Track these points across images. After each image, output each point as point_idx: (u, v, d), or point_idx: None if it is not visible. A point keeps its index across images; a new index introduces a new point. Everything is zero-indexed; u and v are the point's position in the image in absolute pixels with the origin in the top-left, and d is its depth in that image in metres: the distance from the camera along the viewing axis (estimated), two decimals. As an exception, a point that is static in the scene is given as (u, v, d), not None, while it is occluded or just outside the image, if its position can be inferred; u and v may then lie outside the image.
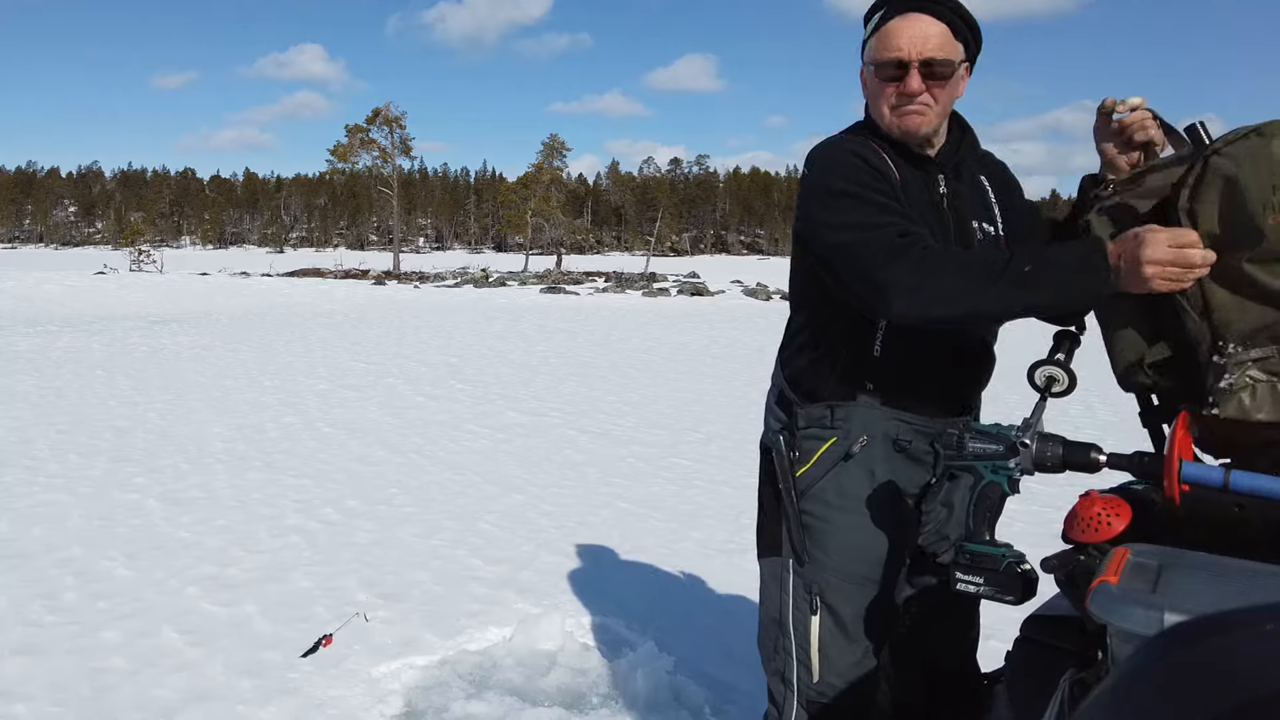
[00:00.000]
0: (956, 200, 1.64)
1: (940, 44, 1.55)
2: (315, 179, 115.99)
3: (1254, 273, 1.27)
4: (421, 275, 35.39)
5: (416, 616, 3.25)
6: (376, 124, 45.43)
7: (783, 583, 1.74)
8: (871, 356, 1.62)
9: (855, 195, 1.52)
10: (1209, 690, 0.43)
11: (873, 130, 1.65)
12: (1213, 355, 1.30)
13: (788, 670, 1.73)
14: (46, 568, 3.67)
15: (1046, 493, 4.54)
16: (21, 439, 6.03)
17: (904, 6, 1.57)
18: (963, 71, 1.61)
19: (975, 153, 1.70)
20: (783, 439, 1.70)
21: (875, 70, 1.59)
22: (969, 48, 1.61)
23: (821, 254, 1.58)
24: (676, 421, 7.01)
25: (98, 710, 2.56)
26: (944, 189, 1.64)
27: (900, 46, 1.54)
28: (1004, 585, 1.30)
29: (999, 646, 1.46)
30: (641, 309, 21.16)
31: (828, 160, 1.60)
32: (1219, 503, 1.11)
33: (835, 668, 1.68)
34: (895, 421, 1.64)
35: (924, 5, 1.56)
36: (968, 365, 1.70)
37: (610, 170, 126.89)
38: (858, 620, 1.67)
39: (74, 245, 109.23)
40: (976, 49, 1.63)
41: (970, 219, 1.64)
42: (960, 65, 1.59)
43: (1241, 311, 1.29)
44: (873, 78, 1.61)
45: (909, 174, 1.61)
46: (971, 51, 1.62)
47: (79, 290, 22.13)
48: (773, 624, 1.77)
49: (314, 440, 6.21)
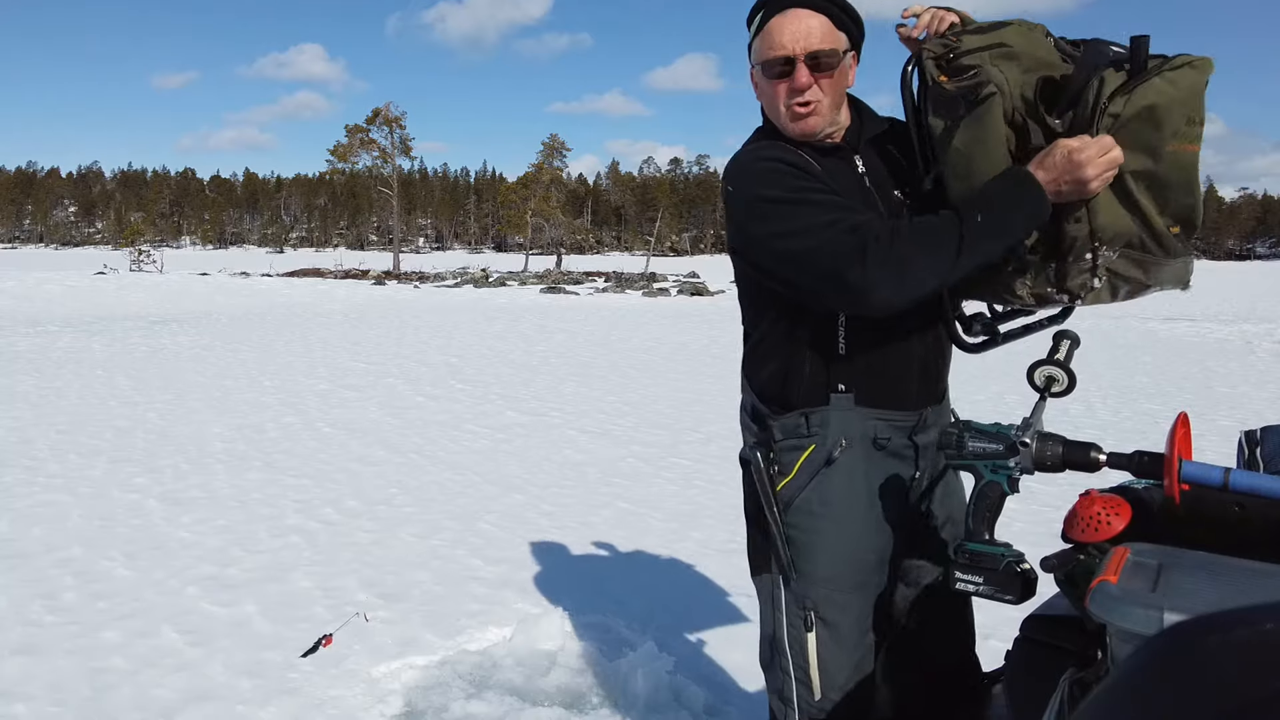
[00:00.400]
0: (875, 176, 1.64)
1: (823, 36, 1.56)
2: (315, 179, 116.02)
3: (1131, 185, 1.42)
4: (421, 275, 35.40)
5: (416, 616, 3.25)
6: (376, 124, 45.46)
7: (775, 601, 1.70)
8: (838, 356, 1.60)
9: (790, 200, 1.52)
10: (1209, 690, 0.43)
11: (775, 132, 1.65)
12: (1085, 253, 1.44)
13: (786, 689, 1.69)
14: (46, 568, 3.67)
15: (1046, 492, 4.54)
16: (21, 439, 6.03)
17: (784, 4, 1.57)
18: (849, 60, 1.62)
19: (879, 126, 1.70)
20: (759, 454, 1.67)
21: (763, 69, 1.60)
22: (852, 36, 1.62)
23: (770, 266, 1.57)
24: (676, 421, 7.01)
25: (98, 710, 2.56)
26: (861, 168, 1.64)
27: (784, 43, 1.55)
28: (1003, 584, 1.30)
29: (999, 646, 1.46)
30: (641, 309, 21.16)
31: (748, 172, 1.60)
32: (1218, 502, 1.11)
33: (835, 682, 1.65)
34: (872, 420, 1.62)
35: (803, 0, 1.57)
36: (929, 347, 1.68)
37: (610, 170, 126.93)
38: (854, 629, 1.65)
39: (74, 245, 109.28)
40: (860, 37, 1.64)
41: (892, 190, 1.65)
42: (846, 54, 1.60)
43: (1115, 218, 1.44)
44: (762, 78, 1.61)
45: (830, 165, 1.62)
46: (855, 39, 1.63)
47: (79, 290, 22.14)
48: (768, 643, 1.73)
49: (314, 440, 6.21)
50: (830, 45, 1.56)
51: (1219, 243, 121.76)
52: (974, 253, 1.44)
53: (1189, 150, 1.40)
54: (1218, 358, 11.90)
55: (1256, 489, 1.10)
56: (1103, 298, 1.48)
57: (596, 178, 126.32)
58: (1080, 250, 1.45)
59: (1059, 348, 1.44)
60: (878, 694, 1.73)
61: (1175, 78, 1.37)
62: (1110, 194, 1.42)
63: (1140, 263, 1.47)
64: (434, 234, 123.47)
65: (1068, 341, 1.45)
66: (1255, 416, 7.35)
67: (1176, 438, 1.16)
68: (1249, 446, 1.39)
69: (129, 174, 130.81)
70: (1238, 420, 7.10)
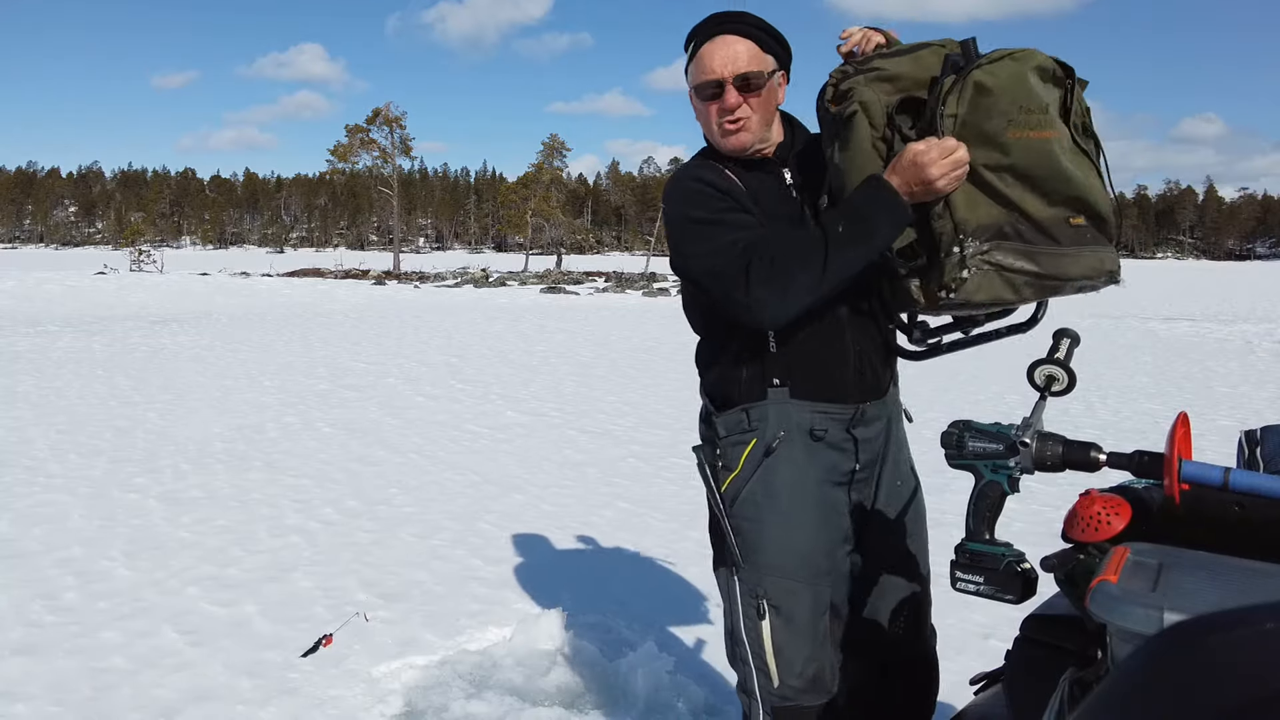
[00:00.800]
0: (805, 188, 1.76)
1: (750, 59, 1.70)
2: (315, 179, 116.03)
3: (989, 178, 1.50)
4: (421, 275, 35.41)
5: (416, 616, 3.25)
6: (376, 124, 45.45)
7: (730, 593, 1.78)
8: (769, 352, 1.70)
9: (708, 221, 1.66)
10: (1209, 689, 0.43)
11: (713, 150, 1.80)
12: (953, 247, 1.52)
13: (748, 681, 1.76)
14: (46, 568, 3.67)
15: (1046, 492, 4.54)
16: (21, 439, 6.03)
17: (712, 32, 1.72)
18: (778, 80, 1.76)
19: (813, 140, 1.81)
20: (702, 452, 1.80)
21: (696, 92, 1.74)
22: (780, 58, 1.77)
23: (695, 281, 1.72)
24: (676, 421, 7.01)
25: (98, 710, 2.56)
26: (790, 180, 1.76)
27: (714, 68, 1.69)
28: (1004, 584, 1.30)
29: (999, 646, 1.47)
30: (642, 309, 21.16)
31: (678, 192, 1.74)
32: (1219, 502, 1.11)
33: (793, 669, 1.71)
34: (809, 413, 1.71)
35: (729, 27, 1.72)
36: (866, 343, 1.75)
37: (610, 170, 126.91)
38: (807, 617, 1.72)
39: (74, 245, 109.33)
40: (788, 59, 1.79)
41: (820, 200, 1.73)
42: (773, 74, 1.74)
43: (974, 211, 1.52)
44: (697, 100, 1.75)
45: (756, 180, 1.74)
46: (783, 60, 1.78)
47: (79, 290, 22.14)
48: (729, 636, 1.80)
49: (314, 440, 6.21)
50: (757, 67, 1.70)
51: (1219, 242, 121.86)
52: (841, 261, 1.55)
53: (1037, 137, 1.48)
54: (1218, 358, 11.90)
55: (1256, 489, 1.10)
56: (997, 292, 1.52)
57: (596, 177, 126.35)
58: (948, 245, 1.53)
59: (1059, 347, 1.44)
60: (837, 683, 1.78)
61: (994, 69, 1.48)
62: (970, 188, 1.51)
63: (1026, 254, 1.52)
64: (434, 234, 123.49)
65: (1068, 340, 1.44)
66: (1255, 416, 7.35)
67: (1176, 437, 1.16)
68: (1249, 446, 1.39)
69: (129, 174, 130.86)
70: (1238, 420, 7.10)
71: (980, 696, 1.44)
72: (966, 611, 3.18)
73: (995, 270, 1.52)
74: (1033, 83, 1.49)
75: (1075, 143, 1.53)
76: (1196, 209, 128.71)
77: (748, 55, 1.70)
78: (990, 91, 1.47)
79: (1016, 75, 1.48)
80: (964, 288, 1.51)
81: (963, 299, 1.53)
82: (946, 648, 3.09)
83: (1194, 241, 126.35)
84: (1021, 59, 1.50)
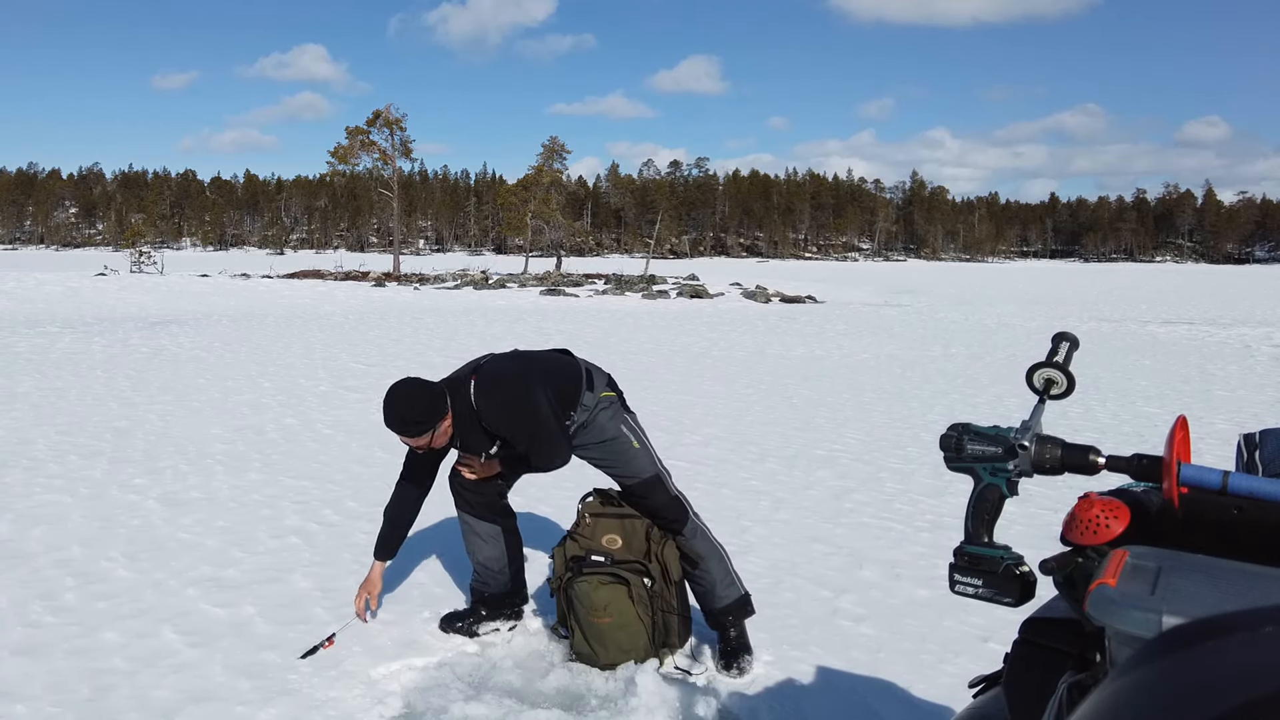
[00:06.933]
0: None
1: (415, 441, 2.89)
2: (316, 181, 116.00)
3: None
4: (421, 277, 35.37)
5: (416, 618, 3.25)
6: (377, 126, 45.42)
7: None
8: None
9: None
10: (1208, 693, 0.43)
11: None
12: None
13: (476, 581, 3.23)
14: (46, 568, 3.67)
15: (1045, 495, 4.55)
16: (21, 439, 6.03)
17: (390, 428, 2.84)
18: (440, 426, 2.85)
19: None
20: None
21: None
22: (429, 421, 2.82)
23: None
24: (676, 423, 7.01)
25: (98, 710, 2.56)
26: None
27: (406, 443, 2.92)
28: (1002, 587, 1.30)
29: (997, 649, 1.47)
30: (641, 311, 21.16)
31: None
32: (1218, 505, 1.11)
33: (477, 558, 3.19)
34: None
35: (395, 429, 2.84)
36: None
37: (610, 173, 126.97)
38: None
39: (75, 246, 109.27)
40: (442, 414, 2.85)
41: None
42: (436, 426, 2.85)
43: None
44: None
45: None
46: (434, 419, 2.83)
47: (79, 291, 22.14)
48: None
49: (314, 441, 6.21)
50: (423, 442, 2.87)
51: (1218, 246, 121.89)
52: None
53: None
54: (1216, 361, 11.90)
55: (1255, 492, 1.10)
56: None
57: (596, 180, 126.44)
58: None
59: (1058, 350, 1.44)
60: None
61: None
62: None
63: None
64: (434, 236, 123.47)
65: (1067, 344, 1.45)
66: (1254, 419, 7.36)
67: (1175, 440, 1.16)
68: (1247, 449, 1.39)
69: (130, 175, 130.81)
70: (1236, 423, 7.11)
71: (979, 699, 1.44)
72: (965, 614, 3.18)
73: None
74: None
75: None
76: (1195, 212, 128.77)
77: (413, 440, 2.87)
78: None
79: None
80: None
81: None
82: (945, 650, 3.10)
83: (1193, 245, 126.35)
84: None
